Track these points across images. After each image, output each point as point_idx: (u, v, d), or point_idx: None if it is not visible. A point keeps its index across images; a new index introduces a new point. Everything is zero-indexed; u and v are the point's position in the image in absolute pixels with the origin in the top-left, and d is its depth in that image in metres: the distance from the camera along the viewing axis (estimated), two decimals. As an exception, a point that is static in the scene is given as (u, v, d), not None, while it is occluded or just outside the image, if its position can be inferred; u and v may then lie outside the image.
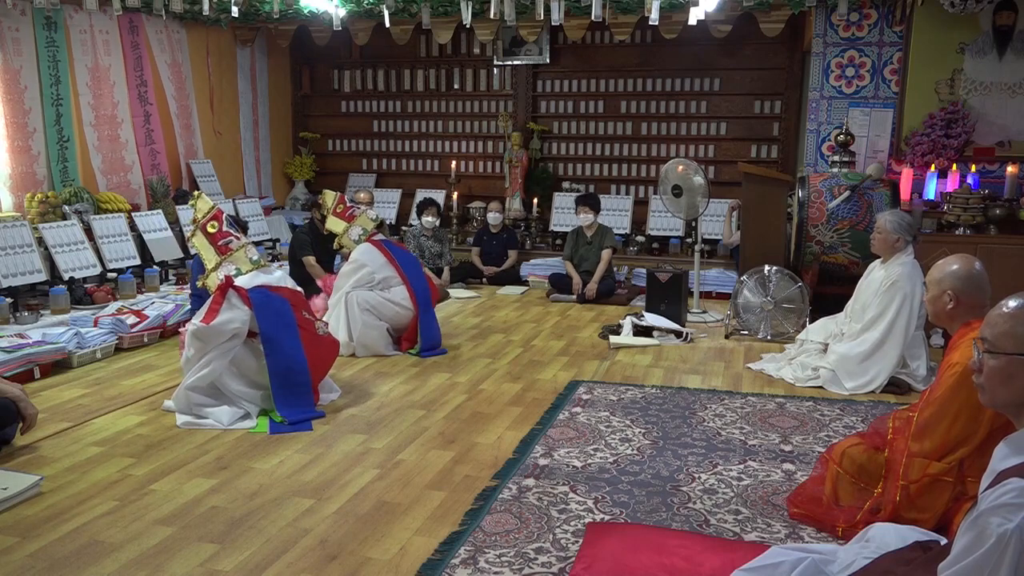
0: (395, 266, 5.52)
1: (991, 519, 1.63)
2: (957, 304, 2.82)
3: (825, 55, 7.01)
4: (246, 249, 4.35)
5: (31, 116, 6.37)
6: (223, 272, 4.22)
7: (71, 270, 5.94)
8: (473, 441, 3.85)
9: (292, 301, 4.30)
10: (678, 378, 4.91)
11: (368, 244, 5.58)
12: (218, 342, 4.01)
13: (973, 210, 6.02)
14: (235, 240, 4.35)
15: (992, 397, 1.87)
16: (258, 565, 2.70)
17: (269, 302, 4.17)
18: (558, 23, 5.50)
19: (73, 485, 3.32)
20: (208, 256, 4.32)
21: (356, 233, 5.60)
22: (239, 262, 4.29)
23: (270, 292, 4.23)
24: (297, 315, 4.26)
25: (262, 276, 4.30)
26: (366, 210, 5.75)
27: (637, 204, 8.39)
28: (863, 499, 2.90)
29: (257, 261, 4.34)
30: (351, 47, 9.00)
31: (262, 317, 4.10)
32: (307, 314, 4.38)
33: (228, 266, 4.26)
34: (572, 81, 8.75)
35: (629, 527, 2.95)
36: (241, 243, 4.36)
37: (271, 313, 4.14)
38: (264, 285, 4.24)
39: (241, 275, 4.24)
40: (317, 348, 4.28)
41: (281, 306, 4.21)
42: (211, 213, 4.39)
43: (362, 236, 5.60)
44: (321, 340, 4.34)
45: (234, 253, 4.30)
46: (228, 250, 4.31)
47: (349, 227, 5.61)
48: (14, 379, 4.19)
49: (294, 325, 4.19)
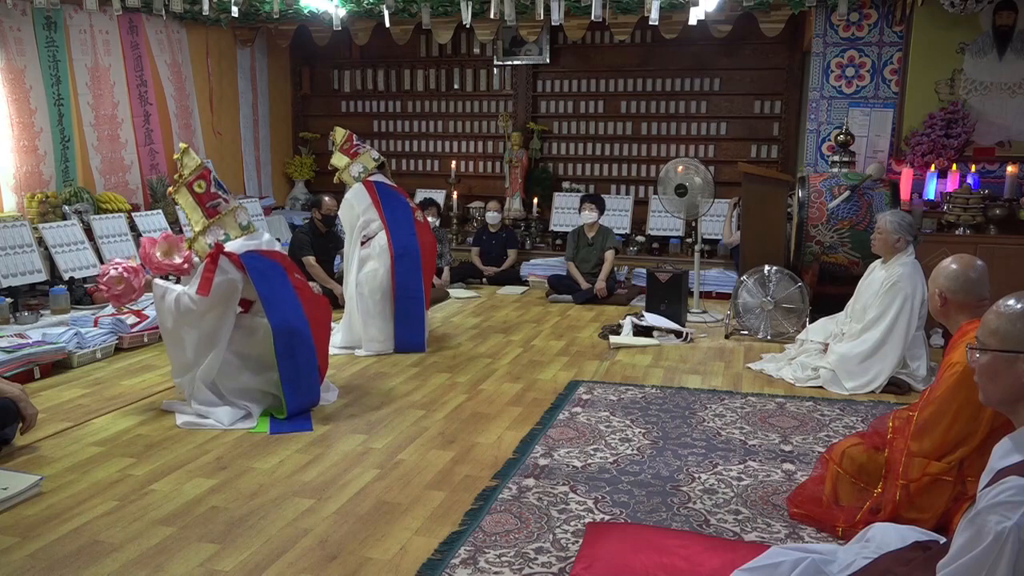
0: (378, 209, 5.47)
1: (989, 517, 1.63)
2: (946, 303, 2.85)
3: (825, 55, 7.01)
4: (235, 213, 4.21)
5: (37, 116, 6.37)
6: (211, 238, 4.11)
7: (71, 270, 5.94)
8: (473, 441, 3.85)
9: (283, 264, 4.27)
10: (678, 378, 4.91)
11: (360, 185, 5.54)
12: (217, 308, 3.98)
13: (973, 210, 6.02)
14: (223, 203, 4.20)
15: (986, 394, 1.90)
16: (258, 565, 2.70)
17: (262, 265, 4.11)
18: (558, 23, 5.50)
19: (73, 485, 3.32)
20: (194, 217, 4.17)
21: (356, 170, 5.56)
22: (228, 227, 4.17)
23: (262, 256, 4.16)
24: (290, 276, 4.22)
25: (252, 241, 4.20)
26: (370, 149, 5.71)
27: (637, 204, 8.39)
28: (863, 499, 2.90)
29: (247, 227, 4.23)
30: (351, 47, 9.00)
31: (258, 280, 4.05)
32: (298, 275, 4.35)
33: (217, 231, 4.14)
34: (572, 81, 8.75)
35: (629, 527, 2.95)
36: (230, 206, 4.22)
37: (266, 275, 4.10)
38: (255, 250, 4.16)
39: (230, 241, 4.14)
40: (314, 309, 4.24)
41: (274, 268, 4.17)
42: (198, 171, 4.20)
43: (361, 174, 5.55)
44: (316, 300, 4.32)
45: (222, 217, 4.17)
46: (216, 213, 4.16)
47: (351, 163, 5.57)
48: (14, 379, 4.19)
49: (290, 286, 4.15)
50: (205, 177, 4.22)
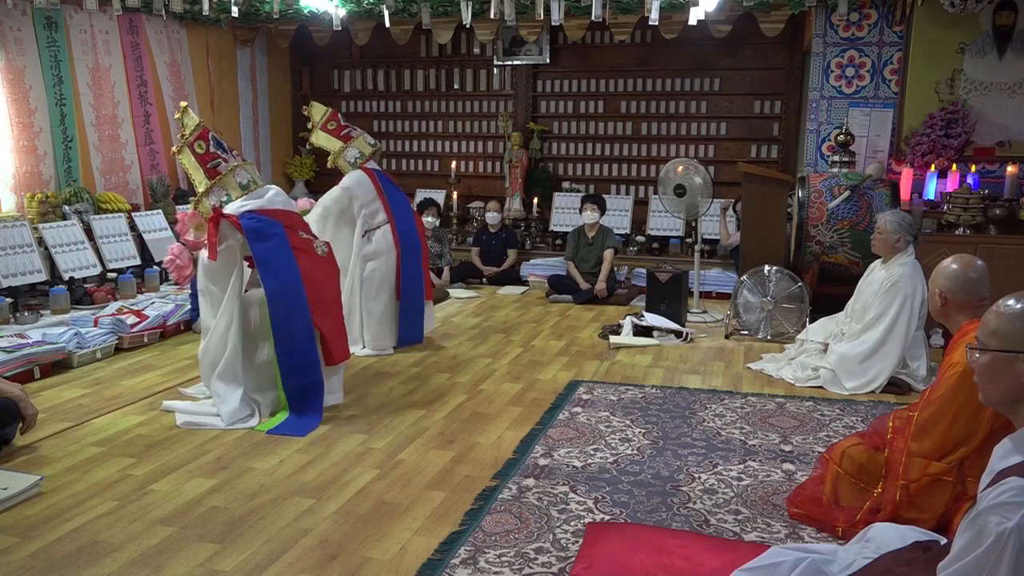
0: (383, 200, 5.36)
1: (990, 518, 1.63)
2: (945, 303, 2.85)
3: (825, 55, 7.01)
4: (235, 172, 4.16)
5: (37, 116, 6.37)
6: (214, 199, 4.09)
7: (71, 270, 5.94)
8: (473, 441, 3.85)
9: (286, 223, 4.15)
10: (678, 378, 4.91)
11: (361, 171, 5.39)
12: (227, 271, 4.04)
13: (973, 210, 6.02)
14: (223, 163, 4.15)
15: (985, 395, 1.90)
16: (258, 565, 2.70)
17: (260, 226, 4.04)
18: (558, 23, 5.50)
19: (73, 485, 3.32)
20: (198, 178, 4.15)
21: (352, 155, 5.41)
22: (228, 187, 4.13)
23: (261, 216, 4.07)
24: (292, 236, 4.11)
25: (253, 200, 4.13)
26: (363, 133, 5.56)
27: (637, 204, 8.39)
28: (863, 499, 2.90)
29: (247, 185, 4.16)
30: (351, 47, 9.00)
31: (254, 241, 3.99)
32: (304, 234, 4.24)
33: (218, 192, 4.11)
34: (572, 81, 8.74)
35: (629, 527, 2.95)
36: (230, 165, 4.16)
37: (263, 237, 4.02)
38: (255, 210, 4.08)
39: (231, 201, 4.10)
40: (316, 269, 4.14)
41: (273, 227, 4.07)
42: (197, 131, 4.17)
43: (358, 160, 5.41)
44: (320, 261, 4.20)
45: (223, 177, 4.13)
46: (217, 173, 4.12)
47: (345, 148, 5.41)
48: (14, 379, 4.19)
49: (288, 246, 4.05)
50: (204, 137, 4.17)
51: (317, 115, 5.53)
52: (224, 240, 4.04)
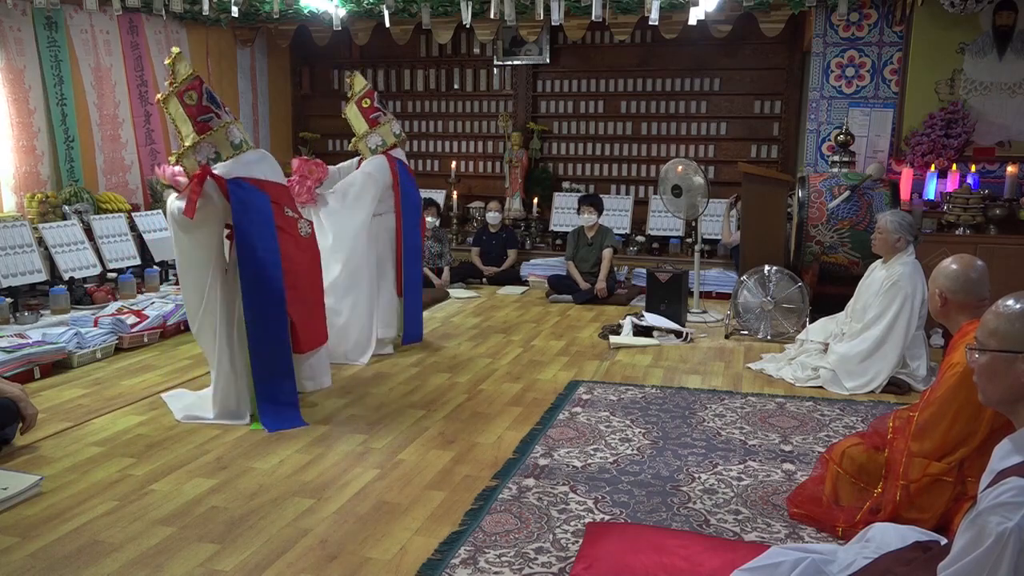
0: (396, 192, 5.35)
1: (990, 518, 1.63)
2: (946, 303, 2.85)
3: (825, 55, 7.01)
4: (227, 130, 3.92)
5: (36, 116, 6.37)
6: (202, 156, 3.85)
7: (71, 270, 5.93)
8: (473, 441, 3.85)
9: (273, 197, 3.97)
10: (678, 378, 4.91)
11: (384, 159, 5.37)
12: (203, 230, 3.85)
13: (973, 210, 6.02)
14: (216, 118, 3.90)
15: (985, 395, 1.90)
16: (258, 565, 2.70)
17: (247, 196, 3.85)
18: (558, 23, 5.50)
19: (73, 485, 3.32)
20: (184, 130, 3.90)
21: (375, 142, 5.39)
22: (219, 144, 3.88)
23: (250, 186, 3.88)
24: (277, 213, 3.95)
25: (243, 166, 3.91)
26: (392, 119, 5.54)
27: (637, 204, 8.39)
28: (863, 499, 2.90)
29: (239, 145, 3.94)
30: (351, 47, 9.00)
31: (238, 212, 3.81)
32: (290, 211, 4.07)
33: (207, 147, 3.86)
34: (572, 81, 8.74)
35: (629, 527, 2.95)
36: (222, 121, 3.92)
37: (248, 208, 3.84)
38: (245, 177, 3.88)
39: (221, 161, 3.88)
40: (297, 250, 4.01)
41: (260, 201, 3.90)
42: (189, 81, 3.89)
43: (379, 147, 5.41)
44: (302, 242, 4.05)
45: (214, 133, 3.87)
46: (208, 128, 3.86)
47: (370, 132, 5.39)
48: (14, 379, 4.19)
49: (272, 225, 3.90)
50: (196, 88, 3.90)
51: (358, 86, 5.50)
52: (208, 202, 3.79)
